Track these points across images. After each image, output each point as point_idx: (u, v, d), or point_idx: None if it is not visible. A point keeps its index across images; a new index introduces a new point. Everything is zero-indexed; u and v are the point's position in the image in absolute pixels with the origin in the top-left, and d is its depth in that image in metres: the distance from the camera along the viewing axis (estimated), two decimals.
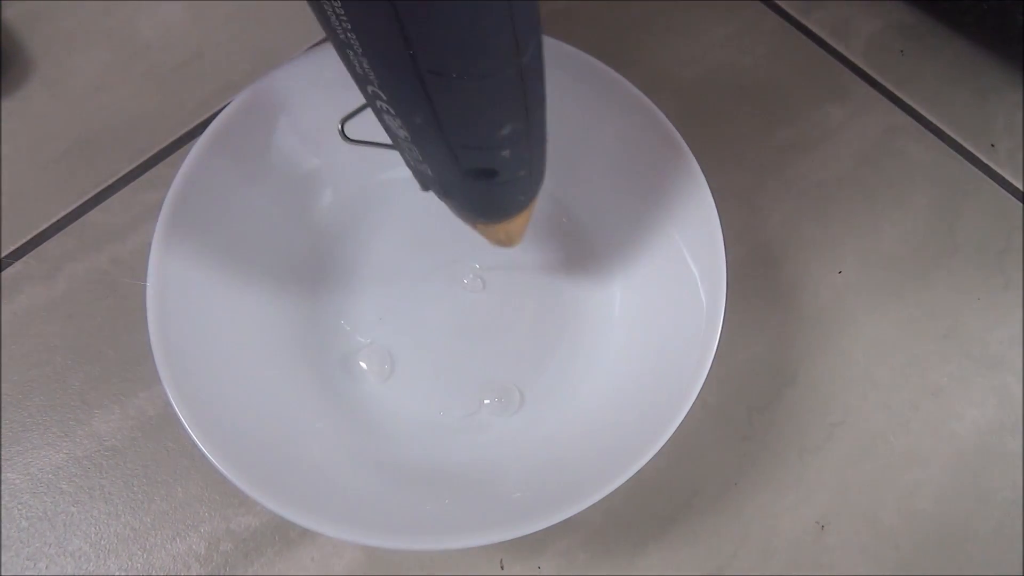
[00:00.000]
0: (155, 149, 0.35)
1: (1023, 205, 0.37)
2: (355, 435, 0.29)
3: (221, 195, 0.28)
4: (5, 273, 0.32)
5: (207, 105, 0.36)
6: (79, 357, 0.31)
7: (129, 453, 0.30)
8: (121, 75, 0.37)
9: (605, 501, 0.23)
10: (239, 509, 0.29)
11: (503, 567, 0.29)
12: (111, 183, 0.34)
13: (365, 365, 0.30)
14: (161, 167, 0.35)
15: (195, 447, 0.23)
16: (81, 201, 0.34)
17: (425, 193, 0.26)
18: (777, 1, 0.40)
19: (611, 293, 0.31)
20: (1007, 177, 0.37)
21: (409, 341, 0.31)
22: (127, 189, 0.34)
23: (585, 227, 0.32)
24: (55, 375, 0.31)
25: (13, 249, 0.33)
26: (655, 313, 0.29)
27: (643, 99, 0.28)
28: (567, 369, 0.31)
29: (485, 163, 0.21)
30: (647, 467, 0.24)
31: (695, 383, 0.25)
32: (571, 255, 0.33)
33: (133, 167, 0.35)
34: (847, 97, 0.39)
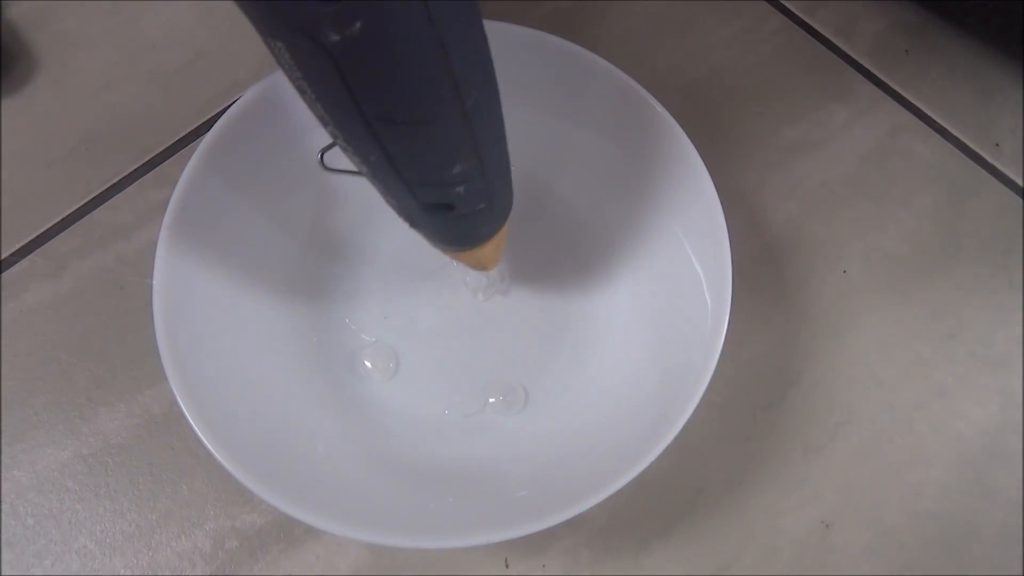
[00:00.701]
0: (160, 147, 0.35)
1: None
2: (360, 433, 0.29)
3: (227, 194, 0.28)
4: (11, 271, 0.33)
5: (212, 103, 0.36)
6: (85, 355, 0.31)
7: (135, 451, 0.30)
8: (126, 74, 0.37)
9: (609, 500, 0.23)
10: (244, 507, 0.29)
11: (508, 565, 0.29)
12: (116, 181, 0.34)
13: (370, 364, 0.30)
14: (167, 165, 0.35)
15: (200, 445, 0.23)
16: (86, 199, 0.34)
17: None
18: (782, 0, 0.40)
19: (616, 292, 0.31)
20: (1012, 176, 0.37)
21: (414, 340, 0.31)
22: (133, 187, 0.34)
23: (590, 227, 0.32)
24: (61, 373, 0.31)
25: (19, 247, 0.33)
26: (660, 313, 0.29)
27: (647, 98, 0.28)
28: (572, 368, 0.31)
29: (441, 199, 0.21)
30: (652, 466, 0.24)
31: (700, 383, 0.25)
32: (576, 254, 0.33)
33: (138, 165, 0.35)
34: (852, 96, 0.38)
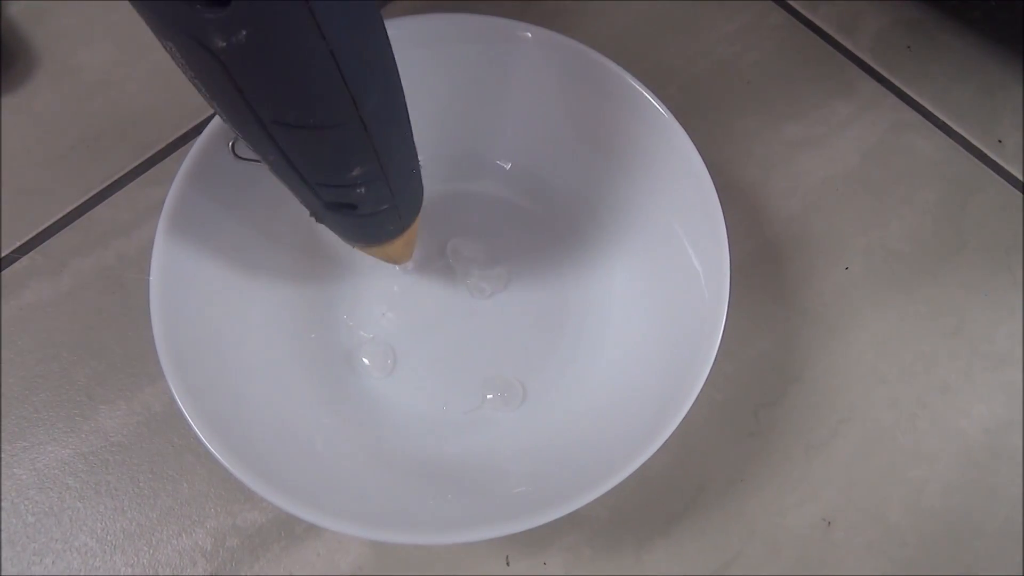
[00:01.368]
0: (161, 145, 0.35)
1: None
2: (358, 430, 0.29)
3: (224, 192, 0.27)
4: (11, 269, 0.33)
5: None
6: (85, 353, 0.31)
7: (135, 449, 0.30)
8: (126, 71, 0.37)
9: (611, 497, 0.23)
10: (245, 505, 0.29)
11: (509, 563, 0.29)
12: (117, 179, 0.34)
13: (368, 361, 0.30)
14: (167, 163, 0.35)
15: (200, 443, 0.23)
16: (87, 197, 0.34)
17: (427, 189, 0.26)
18: None
19: (614, 288, 0.31)
20: (1015, 173, 0.37)
21: (411, 336, 0.31)
22: (133, 185, 0.34)
23: (588, 222, 0.32)
24: (61, 371, 0.31)
25: (19, 245, 0.33)
26: (658, 308, 0.29)
27: (647, 94, 0.28)
28: (570, 364, 0.31)
29: (342, 199, 0.21)
30: (653, 463, 0.23)
31: (699, 377, 0.25)
32: (573, 250, 0.33)
33: (139, 163, 0.35)
34: (854, 93, 0.38)
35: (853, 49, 0.39)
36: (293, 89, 0.16)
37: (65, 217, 0.33)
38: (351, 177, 0.20)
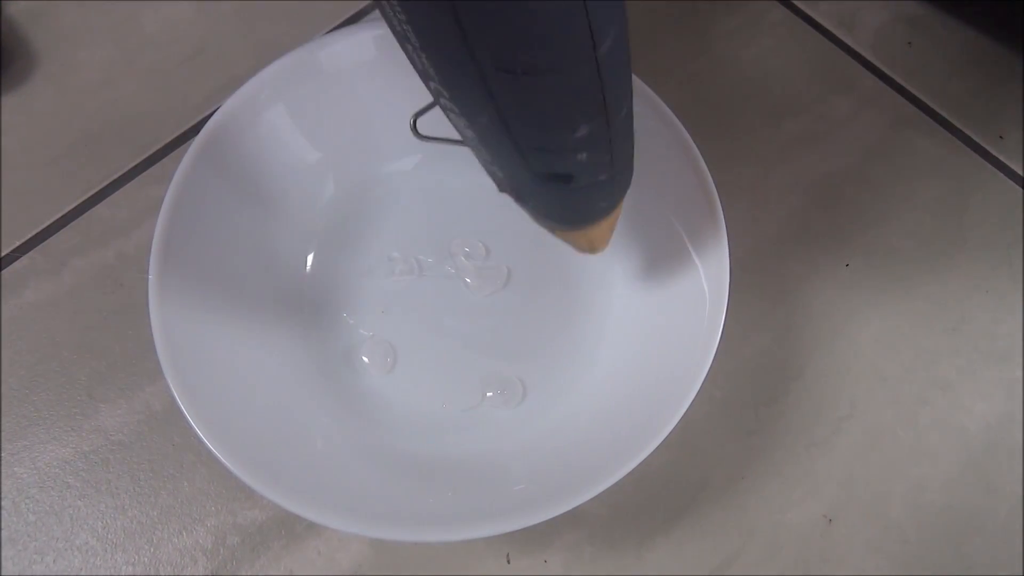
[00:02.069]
0: (160, 144, 0.35)
1: None
2: (358, 428, 0.29)
3: (223, 189, 0.28)
4: (11, 268, 0.33)
5: (211, 100, 0.36)
6: (85, 352, 0.31)
7: (135, 448, 0.30)
8: (125, 70, 0.37)
9: (611, 495, 0.23)
10: (245, 503, 0.29)
11: (509, 561, 0.29)
12: (116, 178, 0.34)
13: (367, 358, 0.30)
14: (166, 162, 0.35)
15: (200, 442, 0.23)
16: (86, 196, 0.34)
17: (427, 186, 0.25)
18: None
19: (613, 285, 0.31)
20: (1015, 169, 0.37)
21: (411, 334, 0.31)
22: (132, 184, 0.34)
23: None
24: (61, 370, 0.31)
25: (18, 244, 0.33)
26: (658, 305, 0.29)
27: (647, 91, 0.28)
28: (570, 361, 0.31)
29: (559, 167, 0.19)
30: (653, 461, 0.23)
31: (698, 374, 0.25)
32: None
33: (138, 162, 0.35)
34: (854, 89, 0.38)
35: (853, 45, 0.39)
36: (530, 20, 0.14)
37: (64, 216, 0.33)
38: (575, 139, 0.17)
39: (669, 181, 0.29)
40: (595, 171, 0.19)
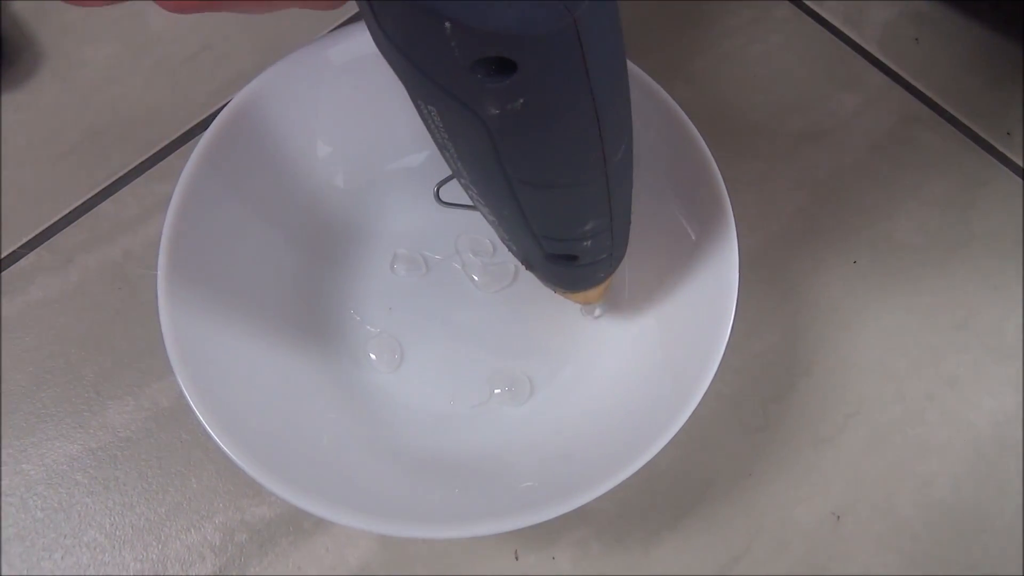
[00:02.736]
0: (166, 140, 0.35)
1: None
2: (366, 425, 0.29)
3: (231, 185, 0.27)
4: (17, 265, 0.33)
5: (217, 96, 0.36)
6: (92, 348, 0.31)
7: (143, 444, 0.30)
8: (131, 67, 0.36)
9: (619, 492, 0.23)
10: (253, 500, 0.29)
11: (517, 557, 0.29)
12: (122, 175, 0.34)
13: (375, 355, 0.30)
14: (172, 158, 0.35)
15: (209, 438, 0.23)
16: (92, 193, 0.34)
17: (435, 184, 0.26)
18: None
19: (621, 283, 0.31)
20: (1023, 165, 0.37)
21: (418, 331, 0.31)
22: (138, 181, 0.34)
23: None
24: (68, 367, 0.31)
25: (25, 241, 0.33)
26: (666, 302, 0.29)
27: (654, 87, 0.28)
28: (577, 358, 0.31)
29: (567, 251, 0.22)
30: (661, 458, 0.23)
31: (707, 372, 0.24)
32: None
33: (144, 159, 0.35)
34: (861, 85, 0.38)
35: (860, 41, 0.39)
36: (553, 150, 0.17)
37: (71, 213, 0.33)
38: (583, 231, 0.21)
39: (677, 177, 0.28)
40: (597, 253, 0.23)
